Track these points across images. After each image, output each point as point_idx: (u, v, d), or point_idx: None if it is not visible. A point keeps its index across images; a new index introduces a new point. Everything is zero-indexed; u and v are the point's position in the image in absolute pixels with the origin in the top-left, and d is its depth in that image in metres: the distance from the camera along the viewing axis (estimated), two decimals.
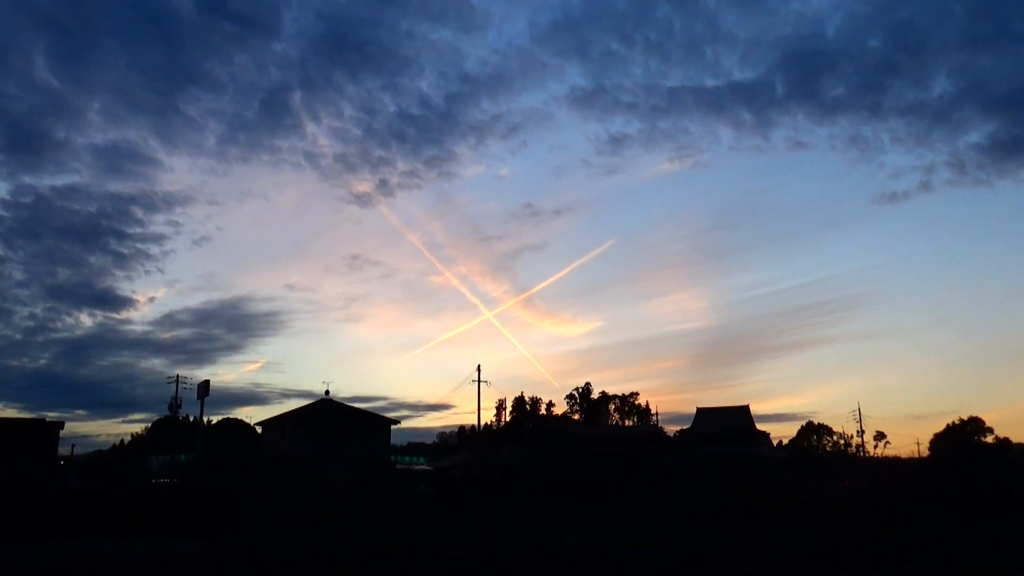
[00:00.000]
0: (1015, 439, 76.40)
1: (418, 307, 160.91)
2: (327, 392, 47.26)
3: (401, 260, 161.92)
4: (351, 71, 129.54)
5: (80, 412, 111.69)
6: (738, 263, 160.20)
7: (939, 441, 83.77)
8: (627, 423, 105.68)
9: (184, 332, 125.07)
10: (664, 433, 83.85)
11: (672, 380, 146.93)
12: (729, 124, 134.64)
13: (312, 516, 25.18)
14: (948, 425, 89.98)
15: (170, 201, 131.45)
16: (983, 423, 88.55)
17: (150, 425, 72.46)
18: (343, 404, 47.37)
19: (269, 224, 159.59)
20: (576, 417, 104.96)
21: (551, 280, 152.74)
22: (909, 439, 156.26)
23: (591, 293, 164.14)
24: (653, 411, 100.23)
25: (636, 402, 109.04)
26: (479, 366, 58.56)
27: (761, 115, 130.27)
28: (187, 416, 69.35)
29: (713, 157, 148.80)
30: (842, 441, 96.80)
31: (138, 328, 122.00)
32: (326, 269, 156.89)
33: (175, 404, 63.52)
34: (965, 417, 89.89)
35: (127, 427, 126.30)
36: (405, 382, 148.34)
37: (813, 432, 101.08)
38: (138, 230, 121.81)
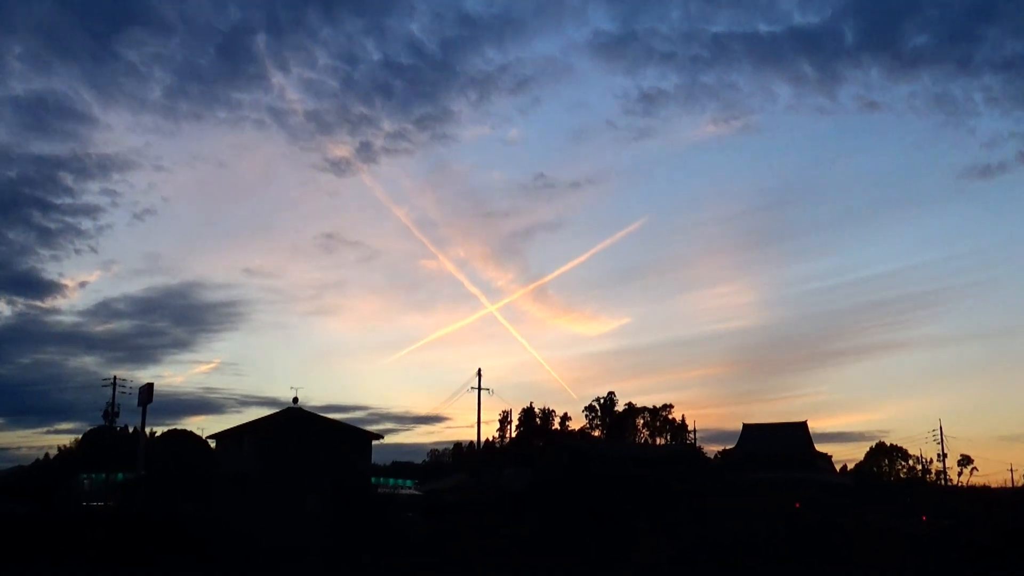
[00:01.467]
0: None
1: (406, 298, 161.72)
2: (295, 400, 47.33)
3: (386, 241, 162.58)
4: (327, 10, 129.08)
5: None
6: (795, 249, 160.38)
7: None
8: (659, 442, 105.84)
9: (122, 325, 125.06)
10: (704, 454, 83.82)
11: (714, 390, 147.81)
12: (787, 79, 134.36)
13: (277, 549, 25.27)
14: None
15: (106, 166, 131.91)
16: None
17: (81, 437, 73.01)
18: (315, 415, 47.63)
19: (226, 196, 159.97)
20: (597, 434, 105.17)
21: (568, 267, 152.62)
22: (1000, 465, 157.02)
23: (617, 284, 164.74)
24: (690, 427, 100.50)
25: (670, 416, 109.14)
26: (479, 371, 56.43)
27: (826, 69, 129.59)
28: (125, 427, 69.94)
29: (767, 119, 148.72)
30: (919, 466, 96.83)
31: (67, 319, 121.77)
32: (294, 250, 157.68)
33: (111, 412, 63.91)
34: None
35: (53, 438, 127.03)
36: (390, 389, 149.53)
37: (884, 455, 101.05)
38: (67, 200, 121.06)
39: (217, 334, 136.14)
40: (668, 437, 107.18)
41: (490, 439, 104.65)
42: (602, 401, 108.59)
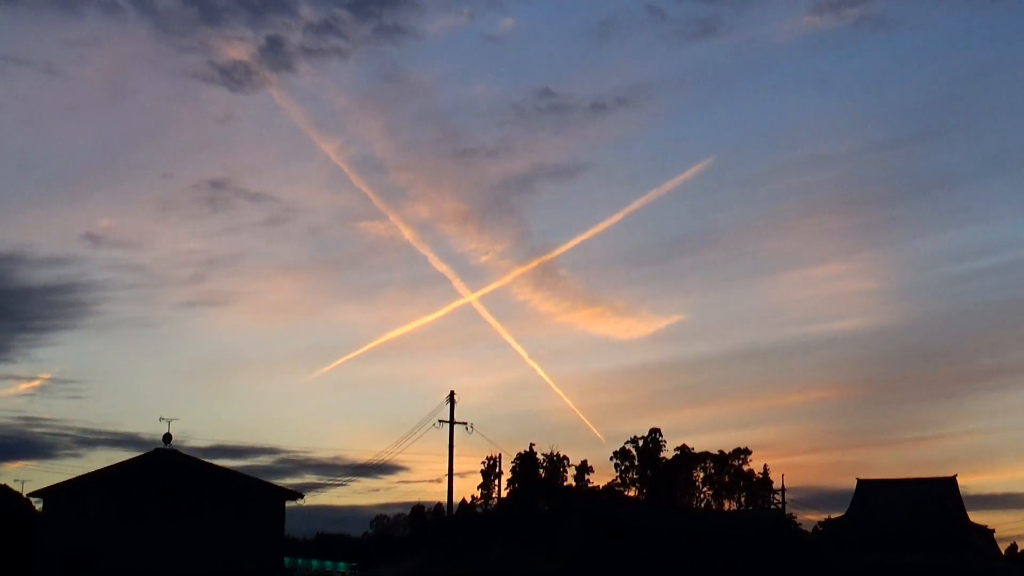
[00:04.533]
0: None
1: (338, 281, 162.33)
2: (167, 439, 47.36)
3: (306, 192, 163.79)
4: None
5: None
6: (938, 210, 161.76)
7: None
8: (728, 506, 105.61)
9: None
10: (797, 525, 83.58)
11: (812, 428, 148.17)
12: None
13: None
14: None
15: None
16: None
17: None
18: (198, 461, 48.11)
19: (57, 121, 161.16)
20: (632, 493, 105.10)
21: (588, 235, 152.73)
22: None
23: (663, 262, 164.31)
24: (776, 484, 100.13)
25: (745, 467, 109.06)
26: (452, 395, 57.05)
27: None
28: None
29: (898, 6, 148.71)
30: None
31: None
32: (163, 206, 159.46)
33: None
34: None
35: None
36: (313, 423, 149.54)
37: None
38: None
39: (43, 335, 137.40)
40: (743, 499, 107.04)
41: (469, 499, 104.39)
42: (641, 443, 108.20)
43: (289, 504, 47.22)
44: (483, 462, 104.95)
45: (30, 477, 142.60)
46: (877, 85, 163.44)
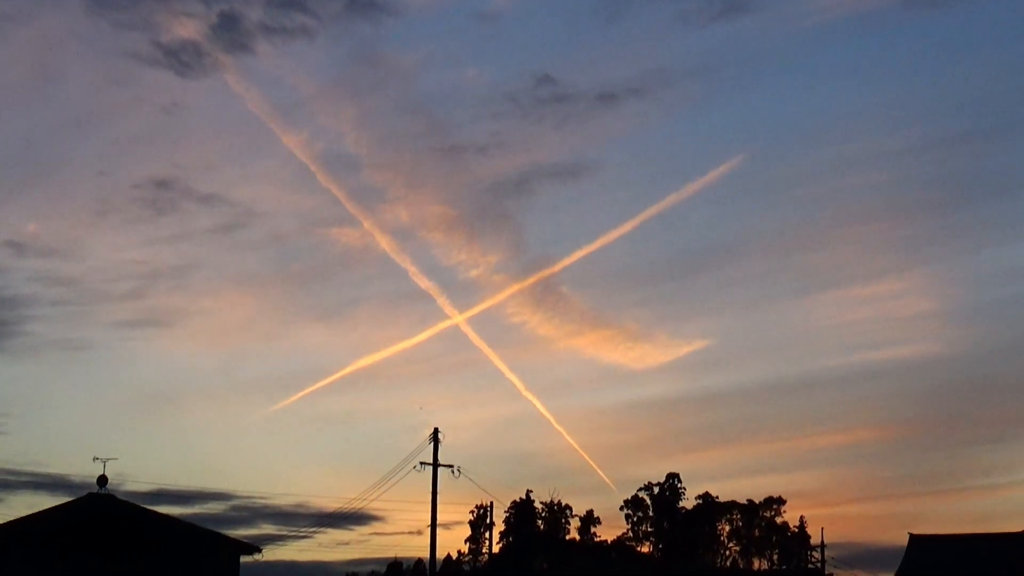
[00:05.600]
0: None
1: (303, 298, 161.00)
2: (102, 482, 47.09)
3: (266, 193, 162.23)
4: None
5: None
6: (1006, 219, 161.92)
7: None
8: (758, 564, 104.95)
9: None
10: None
11: (856, 473, 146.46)
12: None
13: None
14: None
15: None
16: None
17: None
18: (138, 508, 47.80)
19: None
20: (646, 549, 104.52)
21: (596, 246, 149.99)
22: None
23: (684, 278, 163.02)
24: (815, 539, 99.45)
25: (779, 519, 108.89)
26: (436, 433, 57.09)
27: None
28: None
29: None
30: None
31: None
32: (99, 209, 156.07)
33: None
34: None
35: None
36: (273, 464, 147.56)
37: None
38: None
39: None
40: (775, 556, 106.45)
41: (455, 555, 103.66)
42: (657, 490, 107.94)
43: (244, 559, 46.47)
44: (472, 511, 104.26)
45: None
46: (933, 73, 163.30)
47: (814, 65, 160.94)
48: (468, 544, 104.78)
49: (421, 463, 56.21)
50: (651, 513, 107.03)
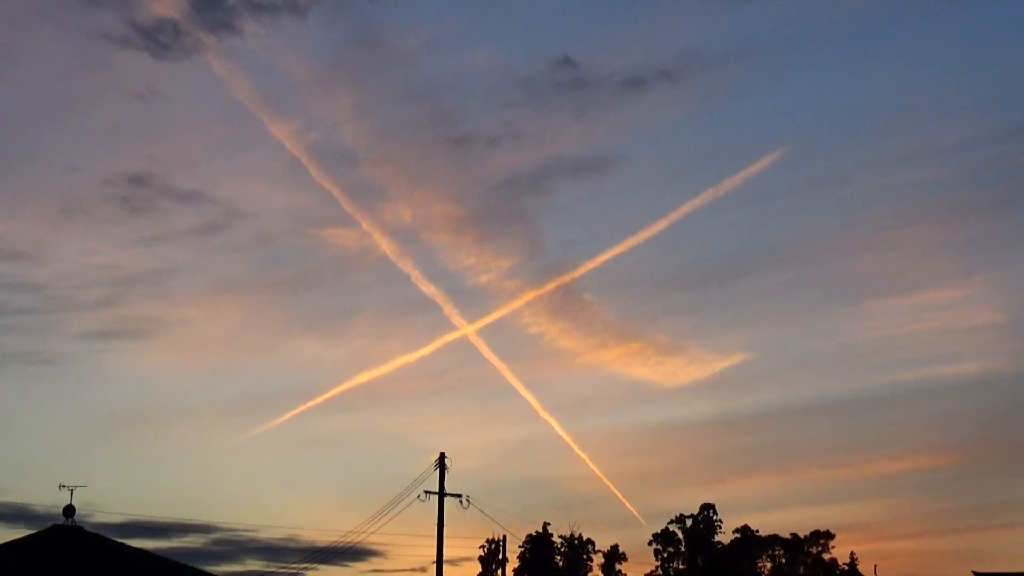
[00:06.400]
0: None
1: (294, 306, 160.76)
2: (69, 513, 47.01)
3: (252, 190, 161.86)
4: None
5: None
6: None
7: None
8: None
9: None
10: None
11: (913, 504, 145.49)
12: None
13: None
14: None
15: None
16: None
17: None
18: (109, 541, 47.79)
19: None
20: None
21: (621, 248, 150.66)
22: None
23: (720, 284, 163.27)
24: None
25: (827, 555, 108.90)
26: (442, 458, 56.91)
27: None
28: None
29: None
30: None
31: None
32: (66, 208, 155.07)
33: None
34: None
35: None
36: (259, 491, 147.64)
37: None
38: None
39: None
40: None
41: None
42: (690, 523, 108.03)
43: None
44: (482, 546, 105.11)
45: None
46: (997, 58, 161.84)
47: (865, 48, 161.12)
48: None
49: (426, 492, 55.93)
50: (683, 548, 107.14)
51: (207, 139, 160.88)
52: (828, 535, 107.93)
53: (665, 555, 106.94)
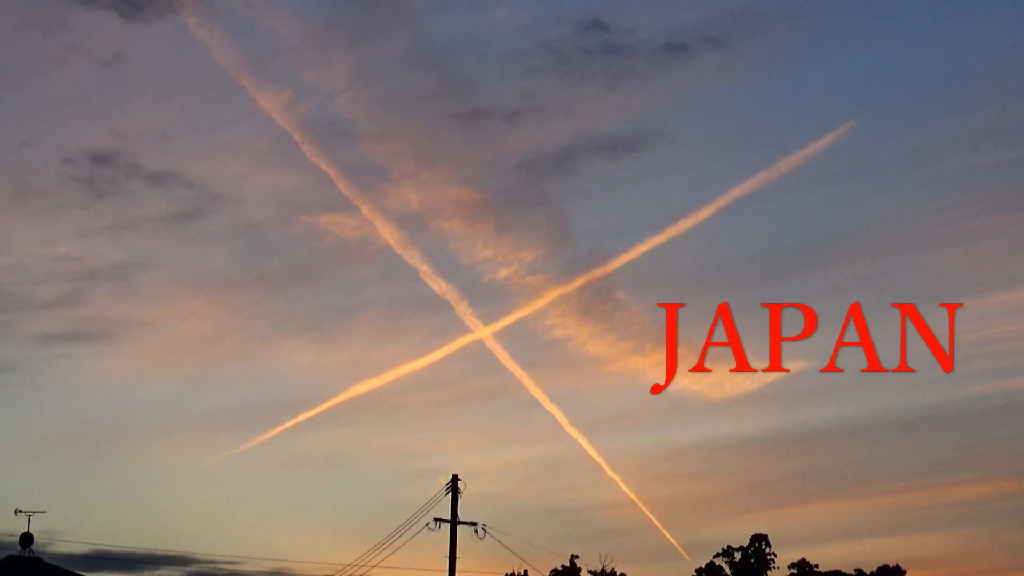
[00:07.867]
0: None
1: (283, 305, 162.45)
2: (25, 541, 48.86)
3: (235, 169, 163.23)
4: None
5: None
6: None
7: None
8: None
9: None
10: None
11: (997, 536, 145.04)
12: None
13: None
14: None
15: None
16: None
17: None
18: (71, 574, 49.82)
19: None
20: None
21: (660, 239, 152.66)
22: None
23: (775, 280, 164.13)
24: None
25: None
26: (454, 479, 58.92)
27: None
28: None
29: None
30: None
31: None
32: (20, 190, 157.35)
33: None
34: None
35: None
36: (244, 518, 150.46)
37: None
38: None
39: None
40: None
41: None
42: (739, 556, 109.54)
43: None
44: None
45: None
46: None
47: (949, 6, 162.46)
48: None
49: (436, 519, 57.54)
50: None
51: (182, 111, 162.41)
52: (898, 571, 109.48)
53: None
